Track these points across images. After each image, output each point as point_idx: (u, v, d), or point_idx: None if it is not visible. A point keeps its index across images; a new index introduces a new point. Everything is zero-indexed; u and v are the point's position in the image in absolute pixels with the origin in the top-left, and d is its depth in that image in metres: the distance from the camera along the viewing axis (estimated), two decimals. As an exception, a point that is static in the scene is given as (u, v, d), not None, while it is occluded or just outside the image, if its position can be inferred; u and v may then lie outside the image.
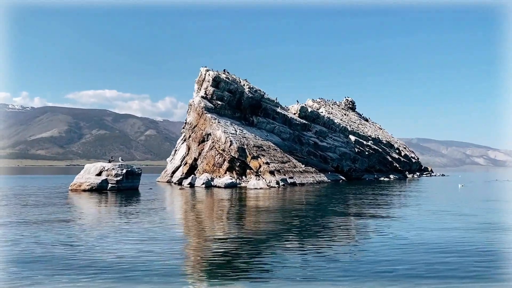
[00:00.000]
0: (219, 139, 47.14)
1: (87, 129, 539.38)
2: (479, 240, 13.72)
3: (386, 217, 19.85)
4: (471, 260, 10.81)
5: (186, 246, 12.88)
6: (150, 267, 9.92)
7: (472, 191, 42.51)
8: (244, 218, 19.57)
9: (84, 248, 11.96)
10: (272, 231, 15.48)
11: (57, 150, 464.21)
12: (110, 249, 11.83)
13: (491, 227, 16.75)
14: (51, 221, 17.27)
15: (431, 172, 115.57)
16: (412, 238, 14.05)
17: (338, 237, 14.38)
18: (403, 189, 44.43)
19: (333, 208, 24.03)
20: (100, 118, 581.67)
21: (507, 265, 10.50)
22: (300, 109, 66.44)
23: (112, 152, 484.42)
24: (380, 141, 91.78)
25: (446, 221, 18.27)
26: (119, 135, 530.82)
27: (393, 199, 30.56)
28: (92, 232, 14.84)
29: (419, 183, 62.79)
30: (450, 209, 23.50)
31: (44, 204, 24.63)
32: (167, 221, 18.29)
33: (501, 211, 23.41)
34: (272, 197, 31.48)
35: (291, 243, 13.18)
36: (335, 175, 61.81)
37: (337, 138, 72.09)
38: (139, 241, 13.20)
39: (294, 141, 60.64)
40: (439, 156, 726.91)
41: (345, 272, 9.59)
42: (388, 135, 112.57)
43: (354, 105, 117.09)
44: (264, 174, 45.37)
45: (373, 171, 77.29)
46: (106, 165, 37.47)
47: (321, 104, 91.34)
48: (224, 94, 52.60)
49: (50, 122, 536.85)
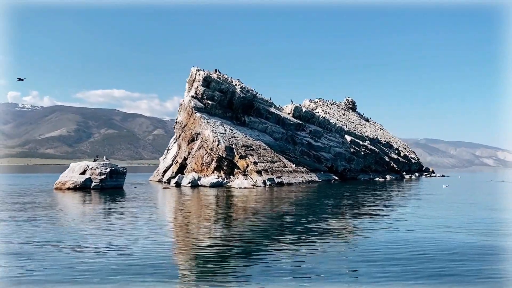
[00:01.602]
0: (207, 138, 47.42)
1: (95, 128, 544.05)
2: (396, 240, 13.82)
3: (330, 215, 19.96)
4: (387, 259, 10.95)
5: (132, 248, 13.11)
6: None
7: (451, 193, 41.90)
8: (207, 218, 19.77)
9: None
10: (232, 232, 15.68)
11: (65, 149, 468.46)
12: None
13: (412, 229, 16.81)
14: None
15: (432, 172, 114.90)
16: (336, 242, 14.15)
17: (291, 239, 14.55)
18: (386, 189, 44.28)
19: (300, 207, 24.18)
20: (109, 117, 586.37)
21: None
22: (294, 109, 66.49)
23: (120, 151, 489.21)
24: (379, 141, 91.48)
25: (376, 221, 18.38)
26: (127, 135, 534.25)
27: (362, 200, 30.55)
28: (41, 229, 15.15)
29: (410, 183, 62.50)
30: (389, 212, 23.53)
31: (14, 203, 25.05)
32: (119, 222, 18.53)
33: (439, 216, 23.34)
34: (252, 196, 31.62)
35: (246, 245, 13.37)
36: (328, 175, 61.80)
37: (332, 138, 72.01)
38: (94, 244, 13.46)
39: (287, 141, 60.73)
40: (448, 156, 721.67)
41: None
42: (388, 135, 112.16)
43: (355, 105, 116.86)
44: (251, 174, 45.58)
45: (369, 171, 77.12)
46: (90, 164, 37.88)
47: (319, 104, 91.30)
48: (214, 94, 52.87)
49: (59, 121, 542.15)
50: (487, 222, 18.76)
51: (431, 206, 25.85)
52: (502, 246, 13.27)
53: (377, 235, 14.83)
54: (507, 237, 14.86)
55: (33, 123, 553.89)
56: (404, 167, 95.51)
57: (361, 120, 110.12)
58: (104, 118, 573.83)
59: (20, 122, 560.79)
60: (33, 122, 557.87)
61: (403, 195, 36.31)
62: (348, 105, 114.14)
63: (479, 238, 14.46)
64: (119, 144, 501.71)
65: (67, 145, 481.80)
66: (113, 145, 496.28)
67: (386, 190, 43.26)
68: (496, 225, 17.72)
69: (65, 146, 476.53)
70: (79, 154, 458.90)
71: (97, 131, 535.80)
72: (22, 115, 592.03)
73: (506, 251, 12.54)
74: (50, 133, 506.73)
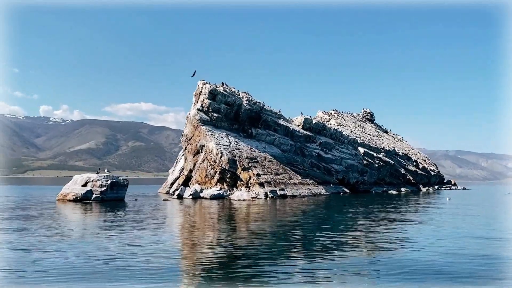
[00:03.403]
0: (211, 150, 47.86)
1: (123, 141, 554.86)
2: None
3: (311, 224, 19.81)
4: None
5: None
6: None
7: (450, 207, 40.61)
8: (192, 231, 19.98)
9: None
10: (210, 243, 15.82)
11: (94, 162, 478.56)
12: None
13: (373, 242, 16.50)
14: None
15: (453, 185, 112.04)
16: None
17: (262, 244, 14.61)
18: (392, 202, 43.47)
19: (290, 219, 24.09)
20: (136, 130, 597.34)
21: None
22: (304, 120, 66.42)
23: (147, 163, 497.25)
24: (396, 153, 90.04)
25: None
26: (154, 147, 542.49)
27: (352, 212, 30.15)
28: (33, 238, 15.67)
29: (418, 197, 60.89)
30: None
31: (12, 214, 25.90)
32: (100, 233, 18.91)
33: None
34: (243, 208, 31.68)
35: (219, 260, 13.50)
36: (338, 188, 61.21)
37: (344, 150, 71.40)
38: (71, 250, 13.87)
39: (296, 153, 60.58)
40: (478, 169, 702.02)
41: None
42: (407, 147, 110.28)
43: (373, 116, 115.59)
44: (253, 186, 45.65)
45: (383, 184, 75.89)
46: (92, 176, 38.78)
47: (332, 116, 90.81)
48: (220, 107, 53.42)
49: (88, 134, 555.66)
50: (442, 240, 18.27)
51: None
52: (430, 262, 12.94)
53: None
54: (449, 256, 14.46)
55: (63, 136, 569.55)
56: (422, 179, 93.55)
57: (379, 131, 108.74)
58: (132, 131, 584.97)
59: (51, 135, 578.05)
60: (63, 135, 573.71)
61: (390, 209, 35.59)
62: (366, 116, 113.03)
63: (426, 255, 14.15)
64: (146, 156, 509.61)
65: (95, 157, 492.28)
66: (140, 157, 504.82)
67: (386, 203, 42.51)
68: (448, 244, 17.25)
69: (94, 159, 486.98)
70: (107, 166, 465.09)
71: (125, 143, 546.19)
72: (53, 129, 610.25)
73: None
74: (79, 146, 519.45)
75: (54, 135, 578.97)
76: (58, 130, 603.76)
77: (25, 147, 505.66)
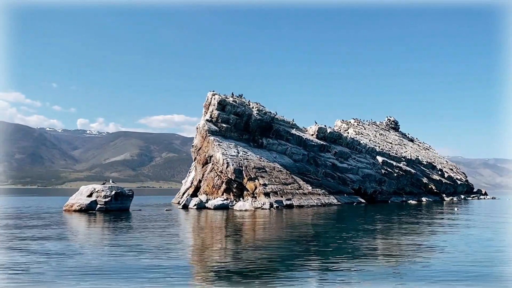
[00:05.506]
0: (218, 160, 48.16)
1: (157, 152, 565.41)
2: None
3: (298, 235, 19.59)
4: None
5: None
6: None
7: (455, 217, 39.02)
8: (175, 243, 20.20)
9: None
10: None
11: (129, 173, 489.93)
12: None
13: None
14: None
15: (483, 194, 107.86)
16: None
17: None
18: (402, 213, 42.30)
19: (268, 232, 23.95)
20: (169, 141, 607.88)
21: None
22: (318, 130, 65.87)
23: (180, 174, 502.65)
24: (419, 162, 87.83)
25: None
26: (186, 158, 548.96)
27: (349, 225, 29.55)
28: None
29: (435, 207, 58.72)
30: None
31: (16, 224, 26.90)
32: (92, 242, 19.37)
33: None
34: (237, 219, 31.66)
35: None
36: (352, 198, 60.05)
37: (361, 159, 70.22)
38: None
39: (309, 162, 60.07)
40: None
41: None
42: (434, 156, 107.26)
43: (397, 124, 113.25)
44: (259, 196, 45.54)
45: (403, 194, 73.98)
46: (97, 187, 39.78)
47: (351, 124, 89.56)
48: (229, 117, 53.77)
49: (123, 146, 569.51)
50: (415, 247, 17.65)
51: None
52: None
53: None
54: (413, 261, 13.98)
55: (99, 148, 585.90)
56: (448, 188, 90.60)
57: (404, 140, 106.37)
58: (165, 142, 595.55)
59: (88, 147, 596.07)
60: (99, 147, 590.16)
61: (391, 219, 34.63)
62: (390, 124, 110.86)
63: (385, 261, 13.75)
64: (179, 167, 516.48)
65: (130, 168, 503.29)
66: (173, 168, 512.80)
67: (395, 213, 41.44)
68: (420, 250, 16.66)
69: (129, 170, 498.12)
70: (141, 178, 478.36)
71: (158, 155, 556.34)
72: (89, 141, 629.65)
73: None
74: (115, 157, 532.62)
75: (91, 147, 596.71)
76: (95, 142, 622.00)
77: (63, 159, 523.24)
